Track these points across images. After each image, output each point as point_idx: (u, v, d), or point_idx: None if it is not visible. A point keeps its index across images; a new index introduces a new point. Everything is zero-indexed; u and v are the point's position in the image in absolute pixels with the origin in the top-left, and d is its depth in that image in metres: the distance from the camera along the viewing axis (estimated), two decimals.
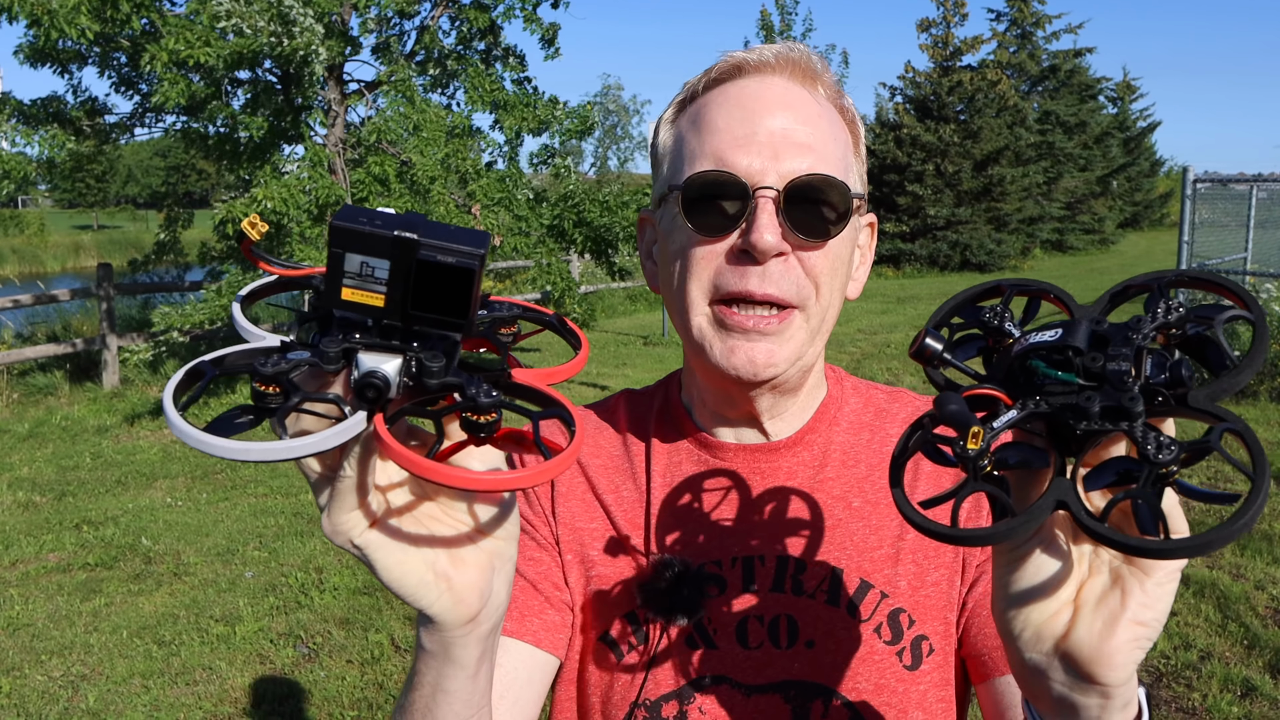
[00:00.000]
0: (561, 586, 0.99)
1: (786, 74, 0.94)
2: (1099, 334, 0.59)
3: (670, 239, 0.96)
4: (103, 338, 9.93)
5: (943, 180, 24.59)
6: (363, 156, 8.63)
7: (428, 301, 0.52)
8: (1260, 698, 3.77)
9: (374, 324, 0.54)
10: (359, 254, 0.51)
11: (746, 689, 0.94)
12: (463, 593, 0.63)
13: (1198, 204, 9.48)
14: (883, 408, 1.07)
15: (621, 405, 1.10)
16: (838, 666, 0.94)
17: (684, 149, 0.95)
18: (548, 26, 9.40)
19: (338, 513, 0.58)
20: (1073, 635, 0.61)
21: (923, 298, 17.85)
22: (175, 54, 7.39)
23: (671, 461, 1.03)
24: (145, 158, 52.15)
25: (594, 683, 0.99)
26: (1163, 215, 39.88)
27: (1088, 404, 0.57)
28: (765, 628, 0.95)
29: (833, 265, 0.92)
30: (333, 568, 5.38)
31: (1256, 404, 8.42)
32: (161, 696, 4.07)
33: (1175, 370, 0.56)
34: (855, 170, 0.97)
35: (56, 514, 6.47)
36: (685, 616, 0.94)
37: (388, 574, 0.61)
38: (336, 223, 0.50)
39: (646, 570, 0.97)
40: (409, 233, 0.51)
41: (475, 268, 0.52)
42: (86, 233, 45.78)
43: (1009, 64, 30.91)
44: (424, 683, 0.71)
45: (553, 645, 0.97)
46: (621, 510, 1.01)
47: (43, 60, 8.77)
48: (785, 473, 1.00)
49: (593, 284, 16.07)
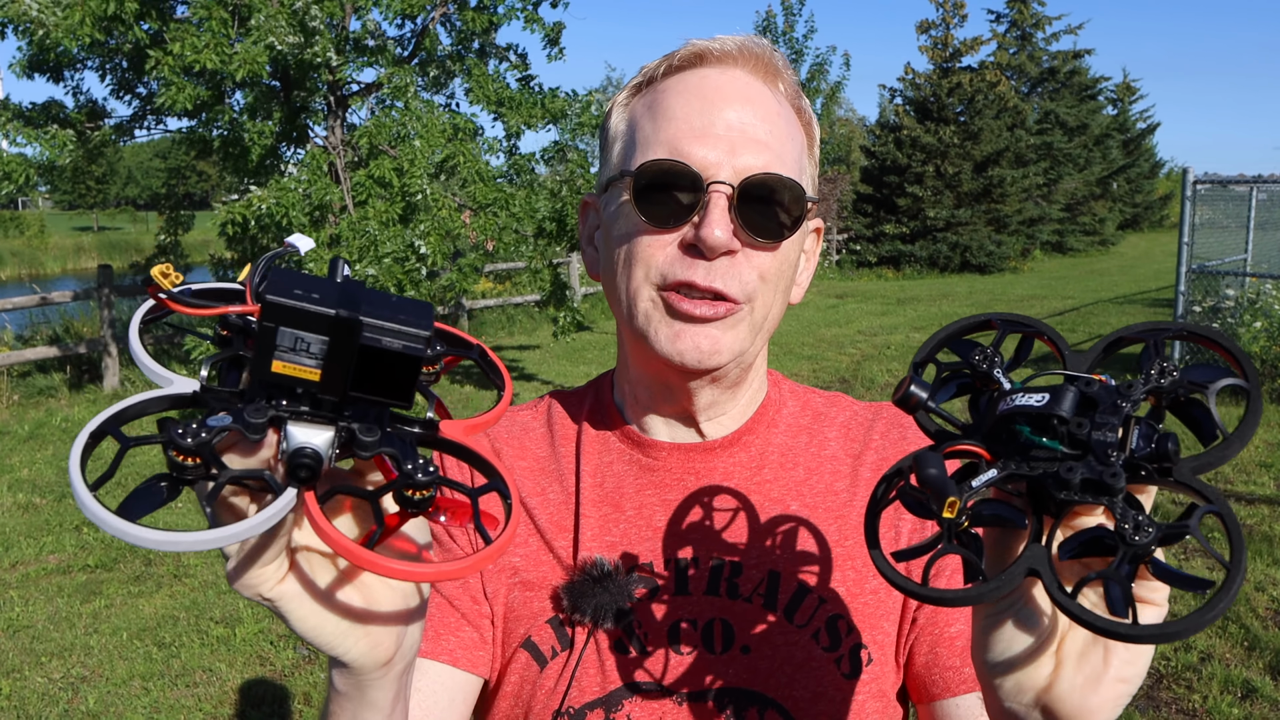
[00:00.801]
0: (480, 600, 0.95)
1: (748, 67, 0.92)
2: (1087, 396, 0.57)
3: (615, 225, 0.93)
4: (103, 340, 9.93)
5: (943, 182, 24.60)
6: (364, 159, 8.62)
7: (369, 384, 0.49)
8: (1260, 699, 3.77)
9: (303, 392, 0.50)
10: (293, 329, 0.47)
11: (679, 696, 0.90)
12: (379, 638, 0.61)
13: (1198, 205, 9.47)
14: (820, 411, 1.04)
15: (549, 407, 1.06)
16: (774, 673, 0.90)
17: (637, 135, 0.92)
18: (551, 26, 9.37)
19: (246, 571, 0.55)
20: (1055, 689, 0.60)
21: (922, 299, 17.85)
22: (182, 59, 7.40)
23: (602, 462, 0.99)
24: (145, 159, 52.18)
25: (516, 693, 0.94)
26: (1163, 217, 39.89)
27: (1069, 474, 0.55)
28: (699, 632, 0.92)
29: (780, 266, 0.90)
30: None
31: None
32: (161, 698, 4.07)
33: (1161, 444, 0.55)
34: (809, 173, 0.95)
35: (56, 516, 6.47)
36: (613, 619, 0.90)
37: (302, 624, 0.58)
38: (270, 297, 0.47)
39: (574, 571, 0.93)
40: (349, 311, 0.47)
41: (422, 352, 0.49)
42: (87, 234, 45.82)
43: (1009, 65, 30.93)
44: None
45: (471, 663, 0.93)
46: (547, 513, 0.98)
47: (39, 70, 8.78)
48: (721, 473, 0.97)
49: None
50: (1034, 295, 18.13)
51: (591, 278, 1.01)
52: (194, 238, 11.07)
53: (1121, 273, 22.88)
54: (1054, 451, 0.56)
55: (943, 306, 16.65)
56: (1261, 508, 5.92)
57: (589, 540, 0.95)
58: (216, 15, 7.60)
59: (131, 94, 9.44)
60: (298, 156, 9.32)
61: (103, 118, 9.29)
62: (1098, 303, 16.61)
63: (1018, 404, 0.57)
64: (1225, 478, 6.53)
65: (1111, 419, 0.55)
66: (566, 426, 1.03)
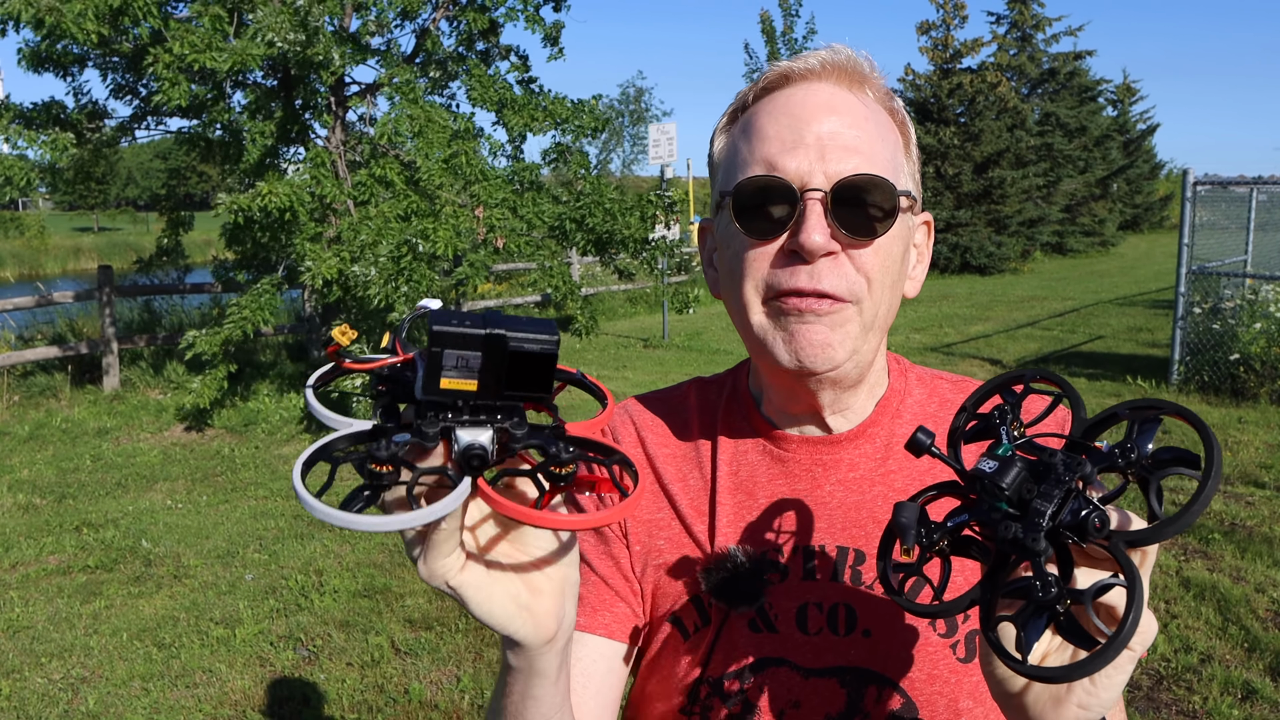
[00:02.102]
0: (630, 576, 1.04)
1: (833, 80, 0.97)
2: (1046, 464, 0.67)
3: (726, 245, 0.99)
4: (103, 340, 9.93)
5: (943, 183, 24.59)
6: (365, 159, 8.61)
7: (519, 382, 0.62)
8: (1261, 700, 3.77)
9: (463, 404, 0.62)
10: (455, 350, 0.60)
11: (804, 672, 0.98)
12: (542, 618, 0.72)
13: (1198, 206, 9.46)
14: (947, 398, 1.08)
15: (691, 394, 1.13)
16: (893, 655, 0.97)
17: (736, 157, 0.98)
18: (550, 25, 9.36)
19: (435, 560, 0.66)
20: (1027, 696, 0.72)
21: (922, 299, 17.85)
22: (180, 58, 7.39)
23: (738, 452, 1.06)
24: (145, 160, 52.17)
25: (662, 661, 1.04)
26: (1163, 218, 39.87)
27: (1005, 531, 0.66)
28: (824, 615, 0.98)
29: (884, 262, 0.94)
30: (333, 570, 5.38)
31: (1256, 406, 8.42)
32: (161, 699, 4.07)
33: (1085, 520, 0.65)
34: (906, 170, 0.99)
35: (56, 516, 6.47)
36: (747, 604, 0.99)
37: (479, 609, 0.69)
38: (436, 328, 0.59)
39: (711, 559, 1.01)
40: (497, 329, 0.61)
41: (555, 352, 0.62)
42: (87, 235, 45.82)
43: (1009, 67, 30.92)
44: (513, 692, 0.80)
45: (625, 635, 1.03)
46: (687, 499, 1.05)
47: (44, 65, 8.76)
48: (848, 465, 1.03)
49: (593, 286, 16.07)
50: (1034, 296, 18.13)
51: (715, 296, 1.08)
52: (194, 237, 11.05)
53: (1122, 274, 22.89)
54: (1000, 511, 0.69)
55: (943, 307, 16.65)
56: (1261, 508, 5.92)
57: (724, 527, 1.02)
58: (212, 12, 7.59)
59: (132, 94, 9.43)
60: (298, 156, 9.31)
61: (103, 118, 9.28)
62: (1098, 303, 16.61)
63: (979, 468, 0.70)
64: (1225, 478, 6.53)
65: (1054, 490, 0.66)
66: (706, 415, 1.10)
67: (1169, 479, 0.68)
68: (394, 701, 4.00)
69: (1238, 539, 5.39)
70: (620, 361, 11.84)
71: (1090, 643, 0.63)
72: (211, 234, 9.21)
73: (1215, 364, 9.01)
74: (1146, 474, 0.67)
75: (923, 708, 0.97)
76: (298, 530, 6.08)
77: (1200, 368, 9.13)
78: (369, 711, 3.94)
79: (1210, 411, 8.38)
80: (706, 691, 1.00)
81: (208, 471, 7.48)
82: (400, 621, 4.72)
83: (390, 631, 4.61)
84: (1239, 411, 8.32)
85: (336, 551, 5.68)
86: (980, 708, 0.99)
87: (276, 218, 7.61)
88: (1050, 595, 0.64)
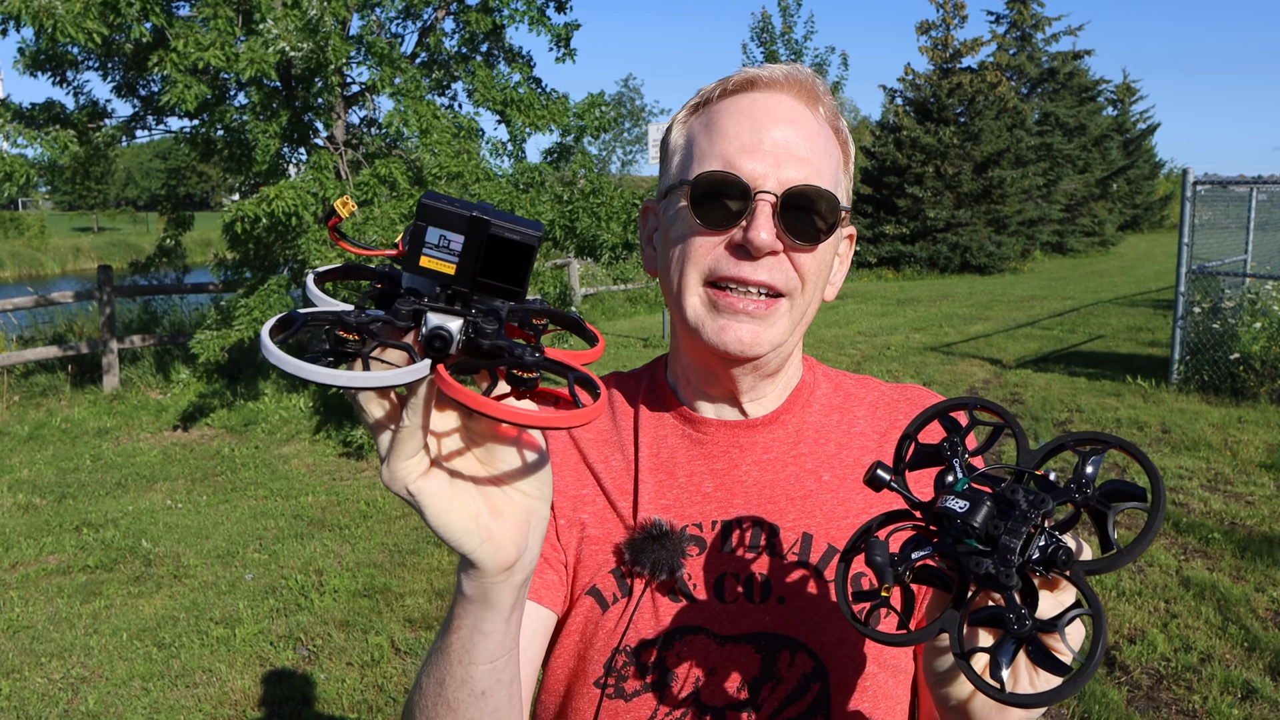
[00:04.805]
0: (557, 546, 1.08)
1: (793, 92, 1.04)
2: (1009, 500, 0.70)
3: (673, 227, 1.05)
4: (103, 340, 9.93)
5: (943, 182, 24.59)
6: (368, 159, 8.60)
7: (493, 271, 0.62)
8: (1261, 700, 3.77)
9: (440, 292, 0.63)
10: (439, 228, 0.61)
11: (721, 639, 1.03)
12: (501, 541, 0.72)
13: (1197, 206, 9.46)
14: (851, 392, 1.18)
15: (611, 384, 1.19)
16: (805, 621, 1.03)
17: (694, 149, 1.04)
18: (562, 26, 9.32)
19: (396, 460, 0.66)
20: (972, 704, 0.81)
21: (922, 300, 17.86)
22: (186, 57, 7.38)
23: (658, 435, 1.12)
24: (145, 160, 52.15)
25: (581, 632, 1.07)
26: (1163, 217, 39.89)
27: (977, 567, 0.69)
28: (741, 584, 1.05)
29: (818, 266, 1.03)
30: (333, 570, 5.38)
31: (1256, 406, 8.42)
32: (161, 699, 4.07)
33: (1055, 554, 0.69)
34: (843, 185, 1.08)
35: (56, 516, 6.47)
36: (668, 571, 1.03)
37: (436, 519, 0.69)
38: (425, 201, 0.60)
39: (634, 530, 1.06)
40: (481, 213, 0.61)
41: (535, 245, 0.62)
42: (87, 235, 45.83)
43: (1008, 66, 30.95)
44: (462, 625, 0.78)
45: (551, 601, 1.06)
46: (610, 478, 1.10)
47: (42, 68, 8.75)
48: (763, 447, 1.10)
49: (593, 286, 16.07)
50: (1034, 296, 18.14)
51: (649, 274, 1.13)
52: (195, 237, 11.05)
53: (1121, 273, 22.89)
54: (969, 547, 0.71)
55: (942, 307, 16.65)
56: (1261, 508, 5.92)
57: (646, 503, 1.08)
58: (223, 14, 7.58)
59: (133, 94, 9.41)
60: (301, 158, 9.29)
61: (104, 118, 9.27)
62: (1098, 303, 16.62)
63: (946, 506, 0.72)
64: (1225, 478, 6.53)
65: (1021, 527, 0.68)
66: (625, 404, 1.17)
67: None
68: (394, 701, 4.00)
69: (1238, 538, 5.39)
70: (620, 361, 11.84)
71: (1058, 666, 0.68)
72: (211, 234, 9.20)
73: (1215, 363, 9.01)
74: (1102, 508, 0.71)
75: (833, 670, 1.03)
76: (297, 530, 6.08)
77: (1200, 367, 9.13)
78: (369, 711, 3.94)
79: (1210, 411, 8.38)
80: (623, 661, 1.04)
81: (208, 471, 7.48)
82: (400, 621, 4.72)
83: (390, 631, 4.61)
84: (1239, 411, 8.32)
85: (336, 551, 5.68)
86: (884, 672, 1.05)
87: (282, 221, 7.61)
88: (1026, 628, 0.68)
